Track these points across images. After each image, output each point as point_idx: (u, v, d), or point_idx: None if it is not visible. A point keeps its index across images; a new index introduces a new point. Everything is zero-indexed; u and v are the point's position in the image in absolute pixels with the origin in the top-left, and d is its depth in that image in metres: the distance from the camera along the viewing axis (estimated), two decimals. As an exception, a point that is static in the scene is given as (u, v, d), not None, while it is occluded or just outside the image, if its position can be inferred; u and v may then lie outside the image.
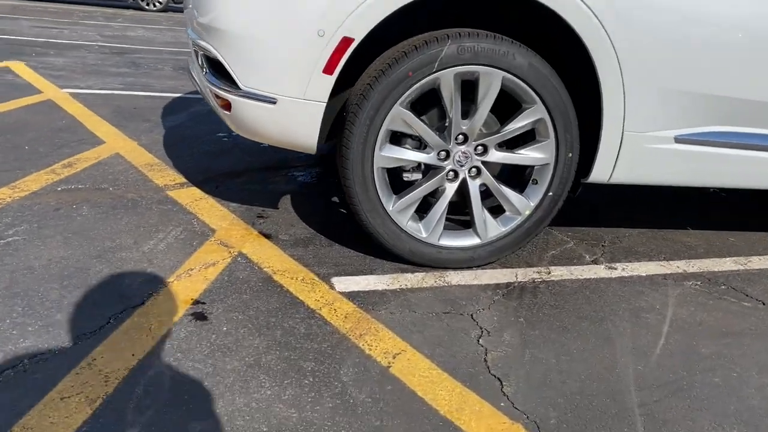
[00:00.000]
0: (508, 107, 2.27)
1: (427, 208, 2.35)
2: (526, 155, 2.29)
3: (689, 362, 1.93)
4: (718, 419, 1.69)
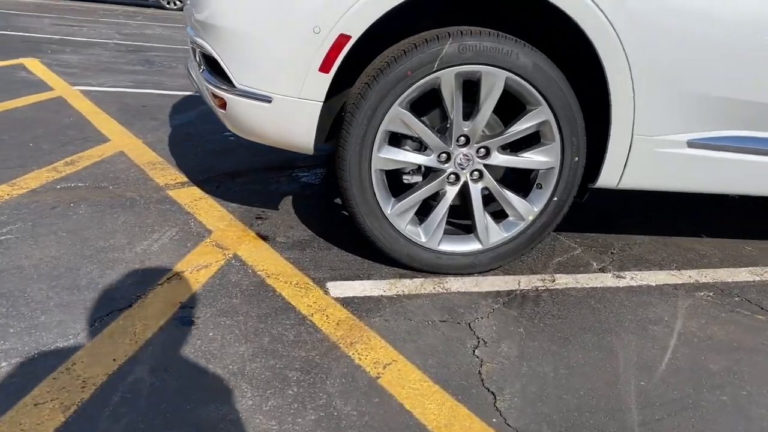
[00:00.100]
0: (512, 108, 2.19)
1: (428, 211, 2.27)
2: (530, 159, 2.20)
3: (696, 379, 1.84)
4: (724, 441, 1.59)
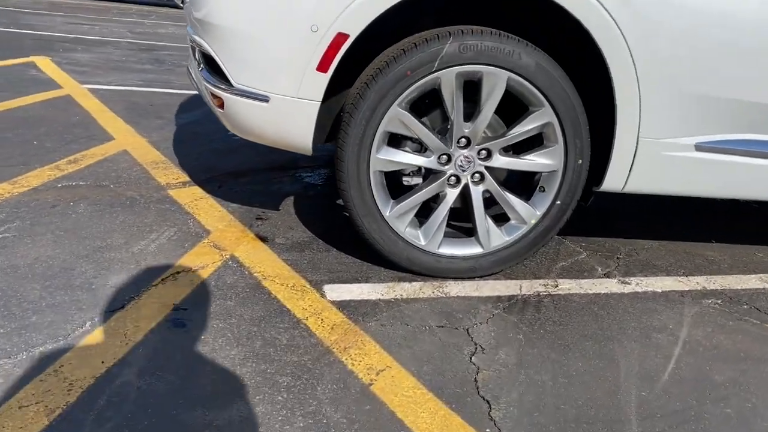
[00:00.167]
0: (515, 109, 2.14)
1: (429, 214, 2.23)
2: (532, 161, 2.15)
3: (700, 389, 1.78)
4: (727, 455, 1.54)
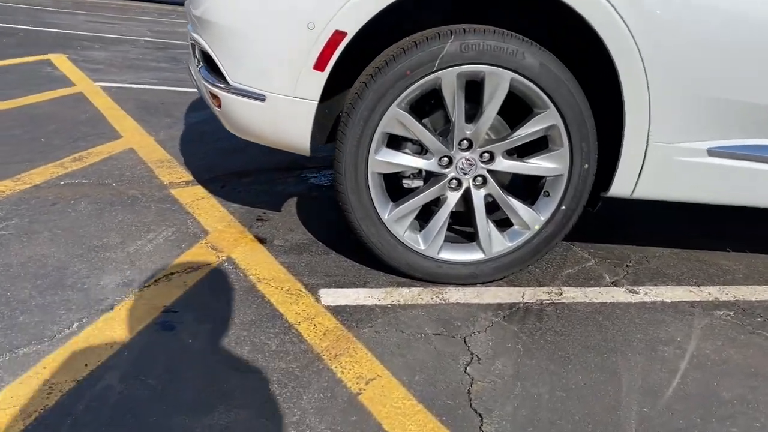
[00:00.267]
0: (520, 111, 2.07)
1: (430, 217, 2.17)
2: (536, 165, 2.08)
3: (706, 406, 1.70)
4: (731, 478, 1.46)
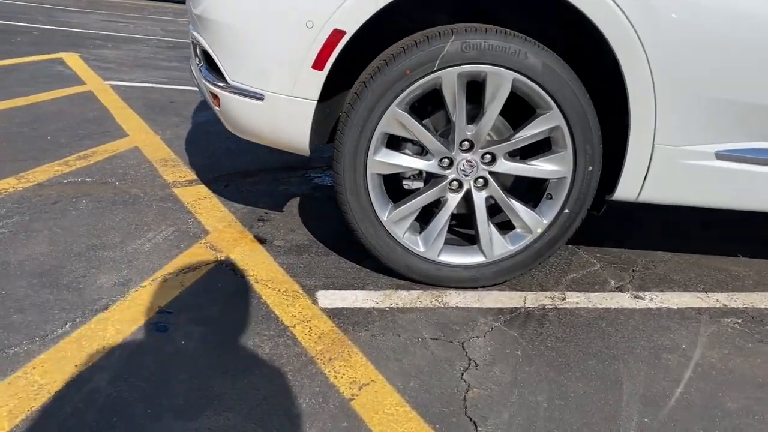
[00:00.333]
0: (524, 112, 2.03)
1: (431, 219, 2.13)
2: (539, 167, 2.04)
3: (709, 418, 1.64)
4: (733, 493, 1.41)
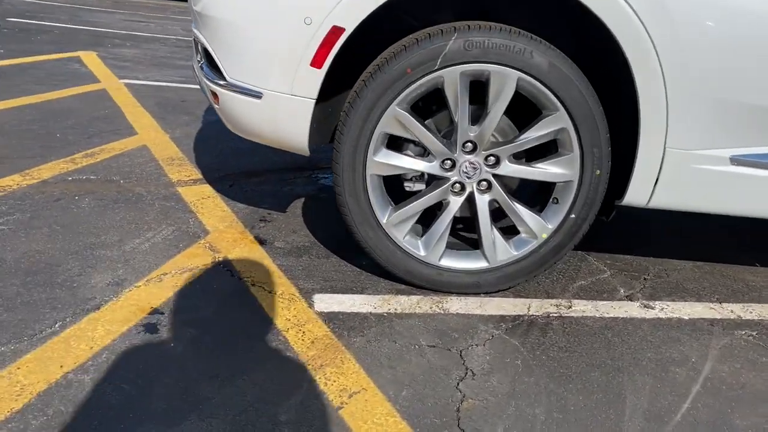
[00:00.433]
0: (532, 112, 1.97)
1: (432, 222, 2.07)
2: (544, 170, 1.97)
3: (717, 436, 1.57)
4: None
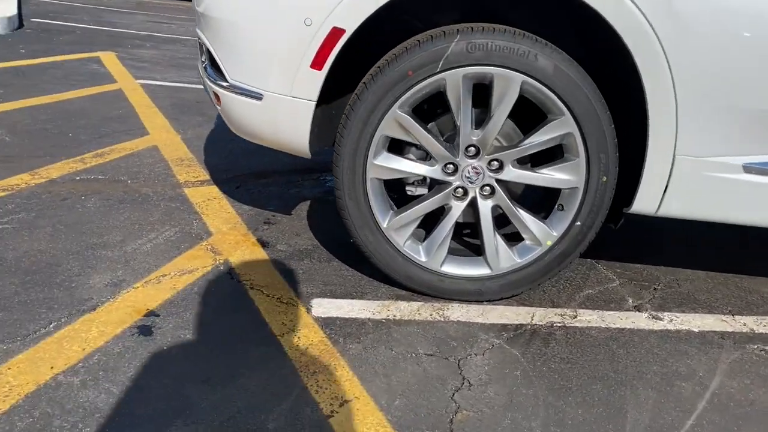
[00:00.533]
0: (536, 116, 1.92)
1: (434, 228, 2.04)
2: (549, 176, 1.92)
3: (721, 455, 1.51)
4: None
